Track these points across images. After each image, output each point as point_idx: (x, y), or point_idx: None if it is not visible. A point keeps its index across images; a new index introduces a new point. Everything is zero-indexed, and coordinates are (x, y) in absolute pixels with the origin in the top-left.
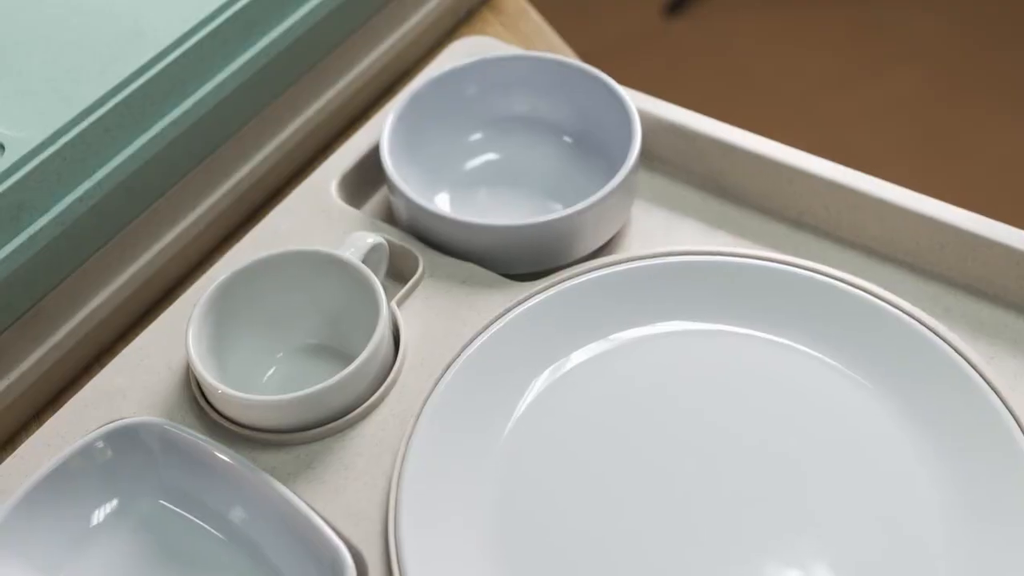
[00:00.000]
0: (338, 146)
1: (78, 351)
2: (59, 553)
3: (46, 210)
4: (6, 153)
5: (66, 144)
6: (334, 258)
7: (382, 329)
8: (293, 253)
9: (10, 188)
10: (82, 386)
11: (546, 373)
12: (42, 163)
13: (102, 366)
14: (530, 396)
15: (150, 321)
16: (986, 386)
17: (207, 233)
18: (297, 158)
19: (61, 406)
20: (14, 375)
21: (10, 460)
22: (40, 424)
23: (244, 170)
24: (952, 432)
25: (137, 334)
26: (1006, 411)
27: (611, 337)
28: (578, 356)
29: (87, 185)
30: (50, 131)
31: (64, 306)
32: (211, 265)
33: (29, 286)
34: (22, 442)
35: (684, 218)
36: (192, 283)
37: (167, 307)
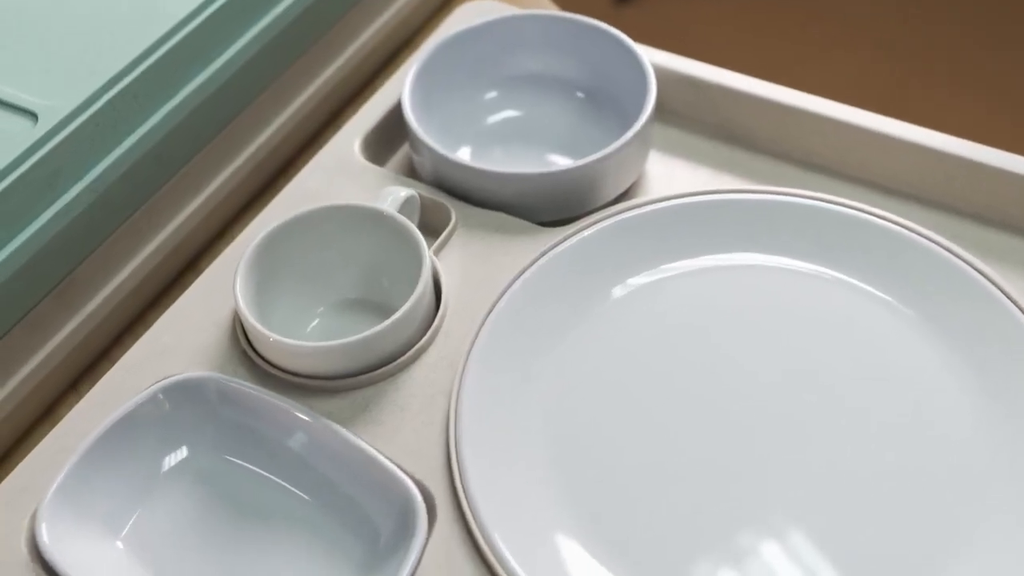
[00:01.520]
0: (348, 113)
1: (111, 320)
2: (123, 507)
3: (80, 177)
4: (40, 122)
5: (97, 112)
6: (373, 211)
7: (426, 274)
8: (332, 208)
9: (46, 156)
10: (115, 357)
11: (585, 309)
12: (75, 131)
13: (134, 337)
14: (572, 331)
15: (178, 291)
16: (1006, 299)
17: (229, 201)
18: (309, 126)
19: (98, 376)
20: (51, 344)
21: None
22: (78, 395)
23: (262, 138)
24: (977, 343)
25: (166, 304)
26: None
27: (646, 273)
28: (615, 292)
29: (118, 152)
30: (81, 99)
31: (97, 275)
32: (234, 233)
33: (64, 255)
34: (61, 413)
35: (698, 166)
36: (217, 251)
37: (194, 277)
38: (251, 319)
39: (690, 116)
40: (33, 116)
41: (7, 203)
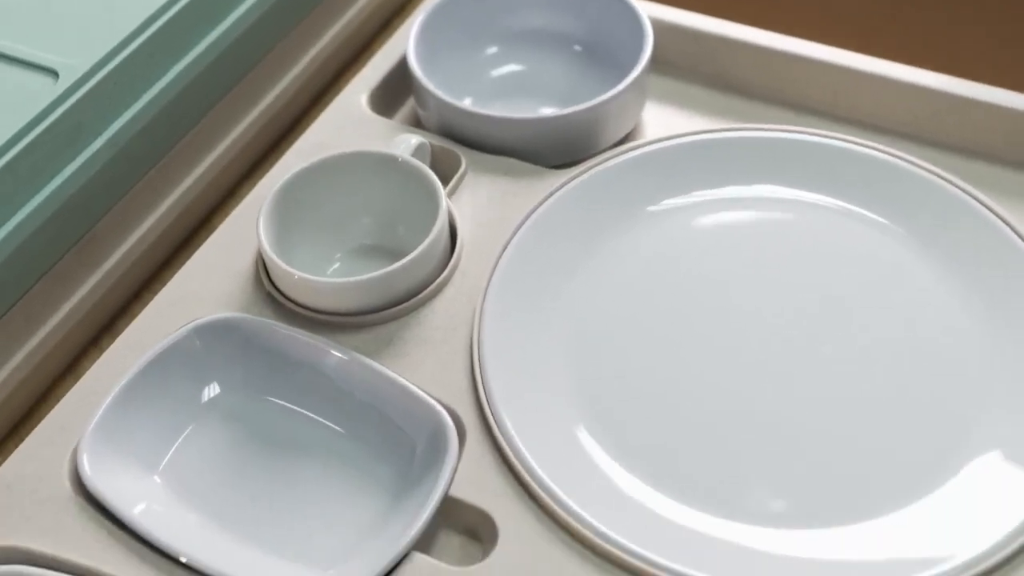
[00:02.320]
0: (350, 75)
1: (129, 276)
2: (159, 443)
3: (100, 132)
4: (61, 79)
5: (114, 68)
6: (388, 157)
7: (443, 212)
8: (349, 155)
9: (68, 111)
10: (135, 312)
11: (596, 242)
12: (95, 87)
13: (152, 293)
14: (585, 262)
15: (191, 249)
16: (996, 219)
17: (240, 158)
18: (314, 86)
19: (118, 331)
20: (75, 298)
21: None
22: (99, 349)
23: (269, 96)
24: (974, 260)
25: (181, 262)
26: (1017, 237)
27: (651, 207)
28: (624, 225)
29: (135, 108)
30: (99, 56)
31: (116, 231)
32: (244, 192)
33: (85, 210)
34: (84, 368)
35: (693, 113)
36: (228, 210)
37: (206, 235)
38: (276, 258)
39: (685, 66)
40: (54, 74)
41: (34, 156)
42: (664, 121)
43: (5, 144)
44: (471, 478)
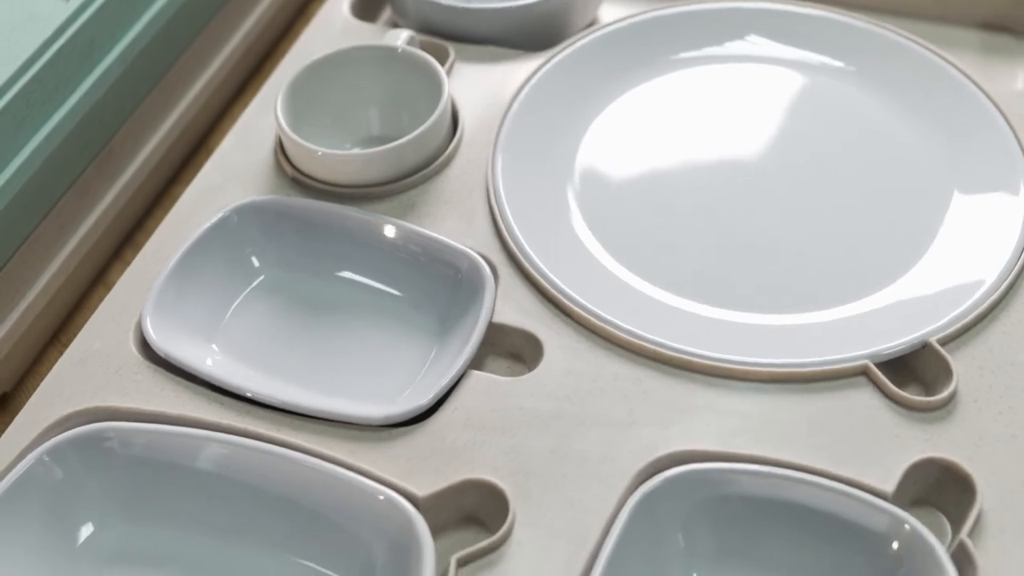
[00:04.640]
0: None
1: (145, 188)
2: (211, 316)
3: (111, 48)
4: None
5: None
6: (388, 48)
7: (446, 86)
8: (354, 49)
9: (81, 27)
10: (150, 228)
11: (585, 100)
12: (102, 5)
13: (164, 210)
14: (582, 118)
15: (198, 162)
16: (933, 55)
17: (234, 74)
18: (293, 4)
19: (140, 243)
20: (99, 209)
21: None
22: (124, 263)
23: (255, 15)
24: (912, 87)
25: (188, 178)
26: (944, 62)
27: (629, 69)
28: (606, 88)
29: (140, 24)
30: None
31: (130, 144)
32: (236, 114)
33: (101, 125)
34: (114, 275)
35: (645, 4)
36: (225, 129)
37: (206, 154)
38: (298, 139)
39: None
40: None
41: (55, 69)
42: (619, 12)
43: (29, 59)
44: (510, 306)
